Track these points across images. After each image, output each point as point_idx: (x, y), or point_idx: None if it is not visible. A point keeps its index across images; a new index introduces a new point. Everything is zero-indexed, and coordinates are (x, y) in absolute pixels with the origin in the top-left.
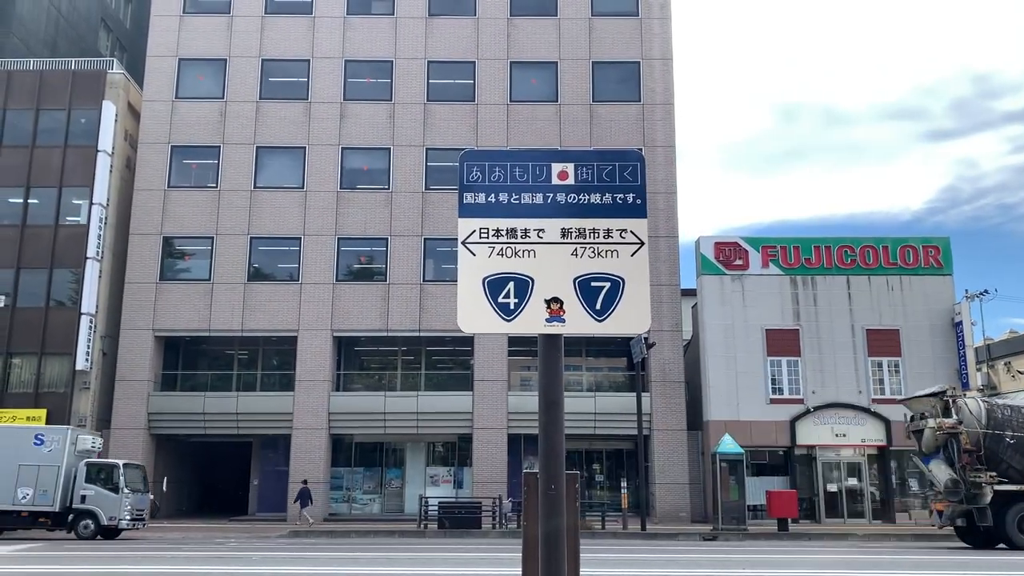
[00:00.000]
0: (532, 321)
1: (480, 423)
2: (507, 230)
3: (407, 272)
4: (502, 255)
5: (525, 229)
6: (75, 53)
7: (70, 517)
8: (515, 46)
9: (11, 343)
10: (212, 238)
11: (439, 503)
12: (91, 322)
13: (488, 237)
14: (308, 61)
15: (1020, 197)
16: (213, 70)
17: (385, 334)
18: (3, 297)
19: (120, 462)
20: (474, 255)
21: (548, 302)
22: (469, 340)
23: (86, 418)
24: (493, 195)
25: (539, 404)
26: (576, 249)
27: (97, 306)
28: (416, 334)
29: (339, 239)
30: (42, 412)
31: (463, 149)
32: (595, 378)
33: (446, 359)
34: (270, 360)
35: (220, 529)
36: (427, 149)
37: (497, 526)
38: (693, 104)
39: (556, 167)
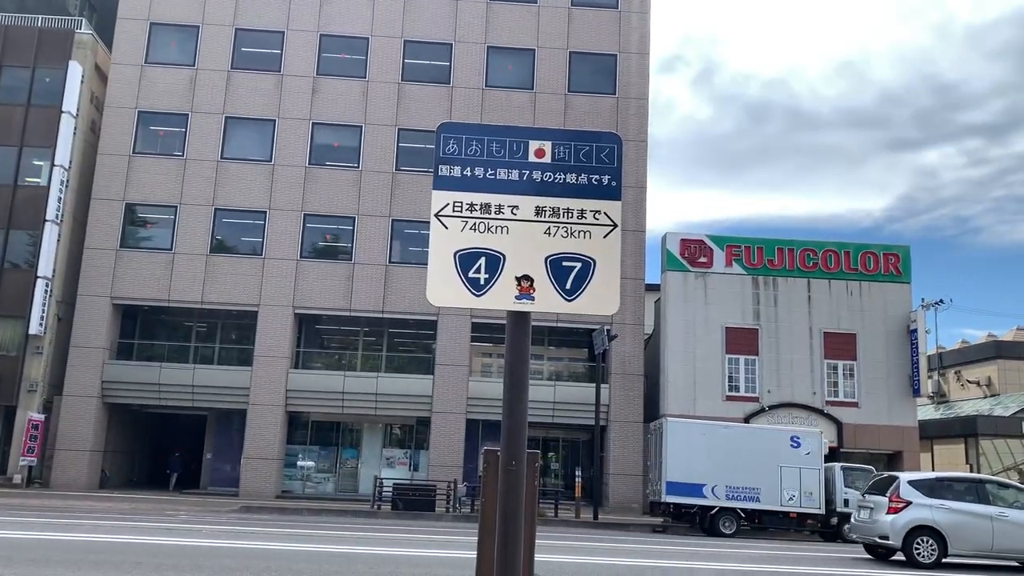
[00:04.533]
0: (502, 297)
1: (439, 407)
2: (481, 205)
3: (373, 252)
4: (475, 230)
5: (499, 205)
6: (43, 10)
7: (833, 521)
8: (493, 31)
9: None
10: (176, 207)
11: (394, 485)
12: (47, 286)
13: (462, 211)
14: (283, 33)
15: (976, 210)
16: (184, 36)
17: (348, 314)
18: None
19: (873, 468)
20: (446, 228)
21: (519, 279)
22: (432, 323)
23: (37, 383)
24: (468, 169)
25: (504, 381)
26: (549, 228)
27: (54, 270)
28: (379, 315)
29: (305, 215)
30: None
31: (432, 132)
32: (556, 368)
33: (408, 342)
34: (229, 334)
35: (171, 502)
36: (399, 129)
37: (451, 510)
38: (665, 99)
39: (533, 144)
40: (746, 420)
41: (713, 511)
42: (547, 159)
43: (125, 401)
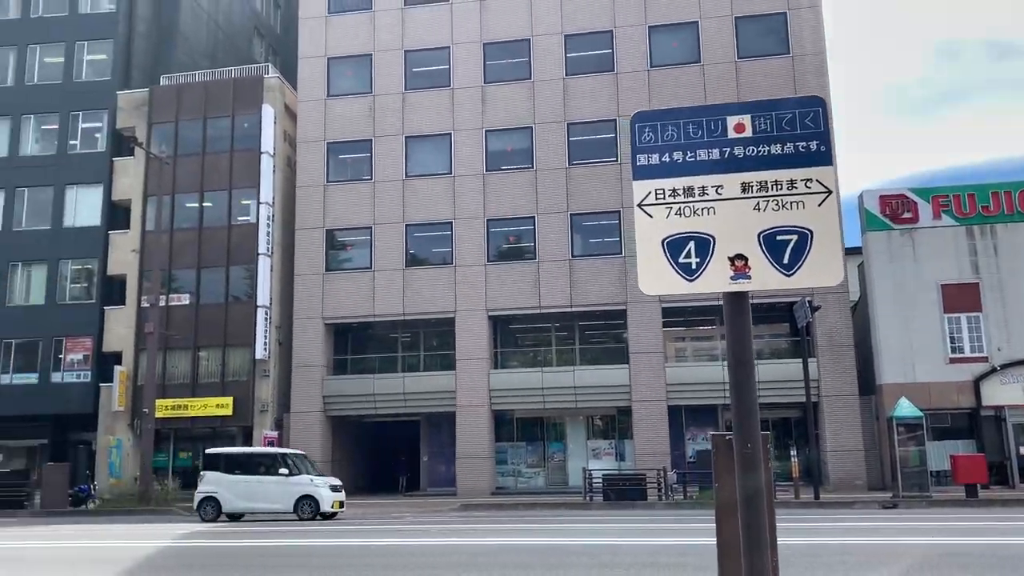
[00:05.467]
0: (716, 280)
1: (638, 395)
2: (684, 189)
3: (555, 249)
4: (680, 215)
5: (703, 187)
6: (233, 62)
7: None
8: (652, 10)
9: (198, 337)
10: (370, 228)
11: (603, 475)
12: (266, 314)
13: (664, 198)
14: (448, 48)
15: None
16: (359, 66)
17: (538, 311)
18: (188, 295)
19: None
20: (651, 217)
21: (732, 259)
22: (621, 313)
23: (268, 404)
24: (667, 155)
25: (728, 363)
26: (758, 203)
27: (271, 298)
28: (568, 309)
29: (488, 221)
30: (228, 400)
31: (604, 122)
32: (757, 346)
33: (599, 333)
34: (431, 341)
35: (395, 505)
36: (568, 124)
37: (663, 498)
38: (845, 49)
39: (732, 120)
40: (976, 383)
41: None
42: (748, 133)
43: (345, 413)
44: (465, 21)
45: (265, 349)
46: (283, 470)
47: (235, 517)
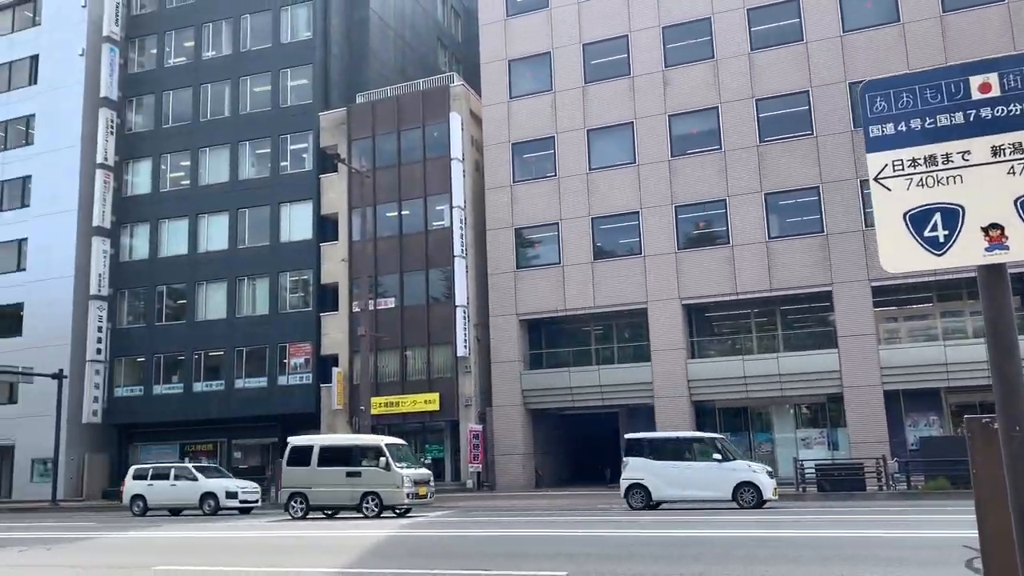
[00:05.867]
0: (968, 252)
1: (850, 381)
2: (925, 158)
3: (749, 231)
4: (923, 186)
5: (946, 154)
6: (419, 74)
7: None
8: None
9: (404, 338)
10: (557, 224)
11: (816, 465)
12: (464, 313)
13: (904, 169)
14: (626, 37)
15: None
16: (539, 65)
17: (734, 297)
18: (393, 299)
19: None
20: (890, 190)
21: (985, 229)
22: (826, 295)
23: (471, 398)
24: (904, 123)
25: (987, 342)
26: (1013, 166)
27: (468, 298)
28: (767, 294)
29: (676, 207)
30: (435, 396)
31: (796, 94)
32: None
33: (803, 317)
34: (623, 333)
35: (600, 496)
36: (756, 100)
37: (884, 488)
38: None
39: (975, 80)
40: None
41: None
42: (995, 92)
43: (543, 406)
44: (642, 7)
45: (465, 346)
46: (716, 455)
47: (653, 505)
